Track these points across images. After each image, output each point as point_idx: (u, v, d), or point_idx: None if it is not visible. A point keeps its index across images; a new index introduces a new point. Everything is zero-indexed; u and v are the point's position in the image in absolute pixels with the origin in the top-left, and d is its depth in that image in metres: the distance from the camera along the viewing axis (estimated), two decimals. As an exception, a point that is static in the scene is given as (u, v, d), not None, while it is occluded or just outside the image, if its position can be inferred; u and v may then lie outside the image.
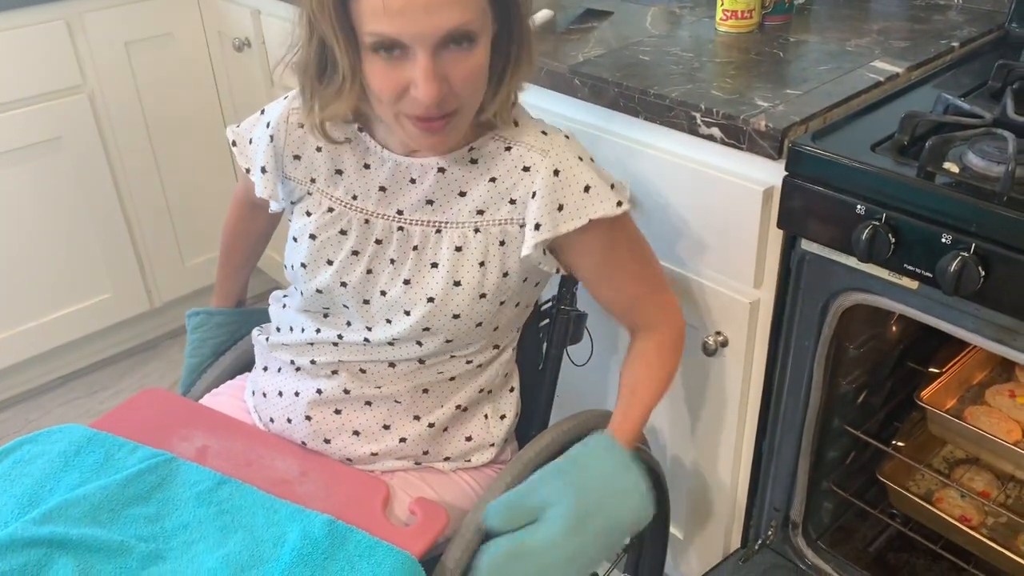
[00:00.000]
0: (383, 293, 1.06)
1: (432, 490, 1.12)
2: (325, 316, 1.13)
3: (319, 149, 1.08)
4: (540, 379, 1.28)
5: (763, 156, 1.11)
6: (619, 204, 1.02)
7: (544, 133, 1.04)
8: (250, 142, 1.15)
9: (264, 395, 1.18)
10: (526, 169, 1.02)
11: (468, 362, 1.11)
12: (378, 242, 1.06)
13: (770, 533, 1.38)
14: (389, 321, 1.07)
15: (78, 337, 2.24)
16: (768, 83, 1.22)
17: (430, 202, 1.04)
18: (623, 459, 1.07)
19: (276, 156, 1.10)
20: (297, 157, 1.09)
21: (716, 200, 1.19)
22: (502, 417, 1.18)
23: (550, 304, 1.28)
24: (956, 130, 1.06)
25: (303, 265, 1.09)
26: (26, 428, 2.16)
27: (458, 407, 1.13)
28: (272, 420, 1.16)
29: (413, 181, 1.05)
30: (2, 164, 1.96)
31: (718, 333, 1.27)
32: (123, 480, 1.04)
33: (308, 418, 1.12)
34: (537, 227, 1.00)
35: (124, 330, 2.36)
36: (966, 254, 0.95)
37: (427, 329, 1.05)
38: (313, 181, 1.09)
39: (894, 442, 1.39)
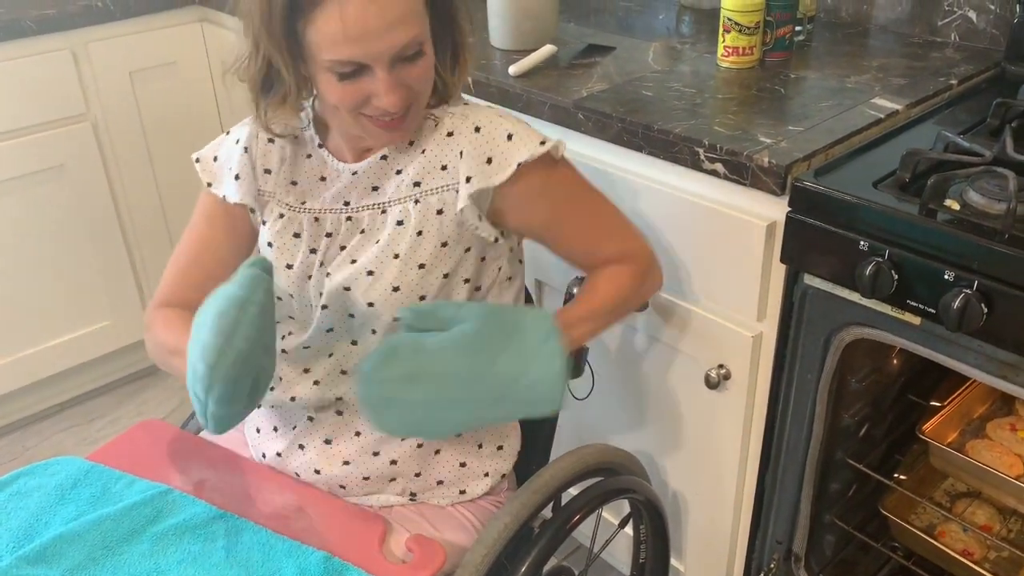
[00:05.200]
0: (328, 275, 1.08)
1: (429, 524, 1.12)
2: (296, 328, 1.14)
3: (283, 160, 1.11)
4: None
5: (766, 192, 1.12)
6: (542, 143, 1.04)
7: (466, 104, 1.10)
8: (214, 159, 1.16)
9: (258, 430, 1.19)
10: (450, 134, 1.06)
11: None
12: (328, 235, 1.09)
13: (772, 566, 1.38)
14: (352, 316, 1.08)
15: (77, 364, 2.24)
16: (770, 119, 1.23)
17: (376, 188, 1.08)
18: (551, 334, 0.99)
19: (251, 166, 1.12)
20: (267, 171, 1.12)
21: (719, 234, 1.20)
22: (499, 448, 1.18)
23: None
24: (957, 168, 1.08)
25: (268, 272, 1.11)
26: (23, 456, 2.14)
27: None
28: (264, 456, 1.18)
29: (355, 174, 1.09)
30: (5, 191, 1.97)
31: (720, 366, 1.28)
32: (118, 513, 1.04)
33: (301, 447, 1.13)
34: (468, 180, 1.03)
35: (123, 357, 2.35)
36: (969, 291, 0.96)
37: (371, 304, 1.06)
38: (275, 192, 1.12)
39: (896, 475, 1.39)
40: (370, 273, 1.05)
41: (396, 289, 1.05)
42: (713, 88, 1.37)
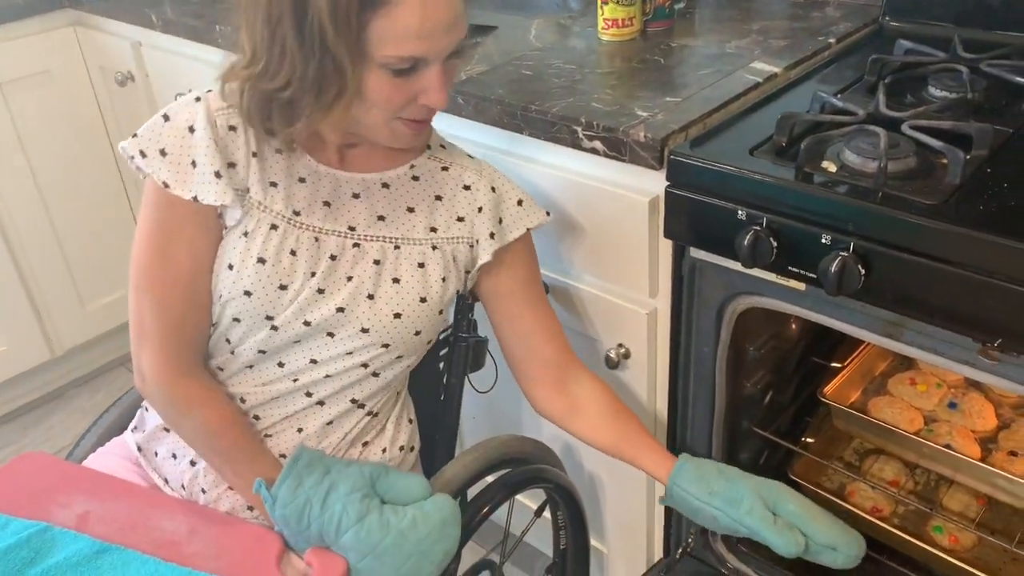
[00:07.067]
0: (340, 310, 1.01)
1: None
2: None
3: (254, 154, 0.99)
4: (441, 410, 1.24)
5: (645, 167, 1.10)
6: (548, 214, 1.12)
7: (470, 156, 1.11)
8: (161, 153, 0.98)
9: (156, 454, 1.13)
10: (467, 188, 1.07)
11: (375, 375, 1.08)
12: (332, 258, 1.02)
13: (690, 540, 1.37)
14: (331, 335, 1.02)
15: (-26, 394, 2.14)
16: (648, 91, 1.21)
17: (381, 218, 1.04)
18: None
19: (224, 160, 0.98)
20: (232, 165, 0.99)
21: (605, 213, 1.18)
22: (400, 448, 1.14)
23: (448, 332, 1.25)
24: (831, 128, 1.07)
25: (247, 293, 1.00)
26: (-77, 495, 2.04)
27: (365, 444, 1.11)
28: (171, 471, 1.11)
29: (356, 196, 1.04)
30: None
31: (620, 345, 1.26)
32: None
33: (193, 463, 1.08)
34: (492, 236, 1.07)
35: (25, 382, 2.25)
36: (845, 254, 0.94)
37: (387, 345, 1.04)
38: (248, 191, 1.00)
39: (804, 439, 1.39)
40: (397, 316, 1.03)
41: (418, 333, 1.06)
42: (593, 63, 1.34)
